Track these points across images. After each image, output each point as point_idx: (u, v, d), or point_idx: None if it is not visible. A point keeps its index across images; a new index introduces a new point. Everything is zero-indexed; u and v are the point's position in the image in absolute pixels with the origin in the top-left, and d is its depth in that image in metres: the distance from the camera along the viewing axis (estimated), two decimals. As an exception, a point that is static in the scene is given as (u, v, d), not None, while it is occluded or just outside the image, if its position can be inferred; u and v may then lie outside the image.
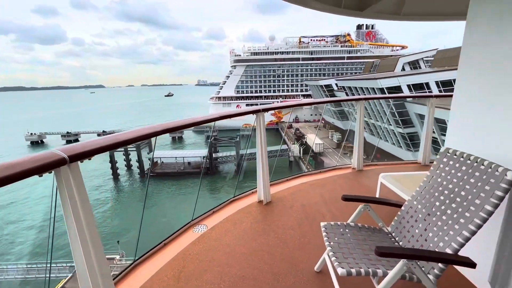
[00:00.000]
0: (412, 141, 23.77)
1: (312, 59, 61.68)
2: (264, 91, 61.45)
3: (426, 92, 24.43)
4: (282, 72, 61.38)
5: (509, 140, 1.35)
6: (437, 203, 1.48)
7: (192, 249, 2.21)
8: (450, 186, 1.45)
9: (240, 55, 61.51)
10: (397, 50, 66.38)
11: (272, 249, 2.18)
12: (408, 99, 22.42)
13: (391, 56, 54.68)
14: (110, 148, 1.36)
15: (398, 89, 25.68)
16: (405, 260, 1.20)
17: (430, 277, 1.29)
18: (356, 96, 3.81)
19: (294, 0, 2.64)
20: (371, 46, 64.61)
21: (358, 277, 1.84)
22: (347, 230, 1.70)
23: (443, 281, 1.52)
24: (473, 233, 1.23)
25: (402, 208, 1.72)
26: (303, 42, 64.33)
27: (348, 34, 64.91)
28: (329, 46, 62.50)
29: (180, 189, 27.03)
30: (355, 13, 3.17)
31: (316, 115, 54.00)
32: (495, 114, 1.47)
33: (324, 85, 43.76)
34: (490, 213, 1.20)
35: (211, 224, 2.59)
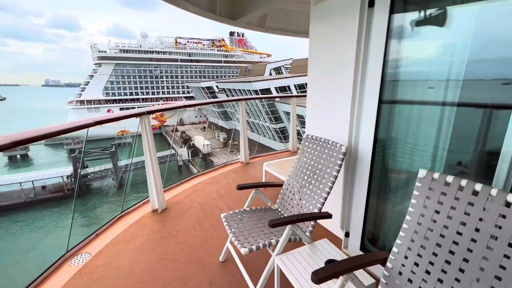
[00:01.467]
0: (283, 134, 28.34)
1: (191, 60, 61.47)
2: (141, 93, 55.61)
3: (288, 93, 29.81)
4: (160, 73, 57.65)
5: (339, 126, 1.94)
6: (305, 177, 1.93)
7: (73, 286, 1.81)
8: (312, 162, 1.92)
9: (105, 52, 52.70)
10: (264, 57, 76.85)
11: (176, 255, 2.12)
12: (277, 99, 26.48)
13: (260, 62, 62.77)
14: None
15: (268, 91, 29.89)
16: (290, 225, 1.51)
17: (307, 234, 1.68)
18: (238, 97, 4.20)
19: None
20: (244, 52, 71.63)
21: (258, 251, 2.12)
22: (244, 215, 1.91)
23: (313, 235, 1.99)
24: (328, 193, 1.70)
25: (283, 186, 2.11)
26: (180, 43, 62.97)
27: (223, 40, 69.06)
28: (206, 49, 64.19)
29: (34, 223, 20.26)
30: (228, 21, 3.48)
31: (201, 116, 54.40)
32: (330, 108, 2.07)
33: (206, 87, 44.72)
34: (335, 177, 1.69)
35: (96, 249, 2.19)
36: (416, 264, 1.08)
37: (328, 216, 1.61)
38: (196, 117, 54.16)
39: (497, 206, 0.87)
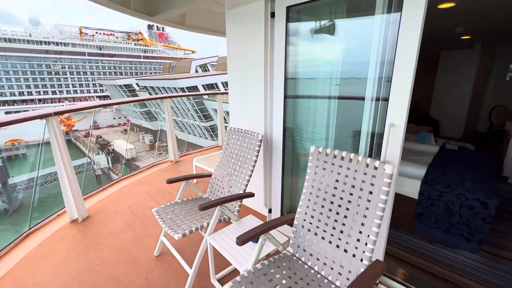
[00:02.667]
0: (214, 132, 28.30)
1: (103, 55, 53.92)
2: (36, 92, 45.58)
3: (215, 90, 29.85)
4: (63, 68, 48.50)
5: (256, 118, 2.25)
6: (231, 165, 2.16)
7: None
8: (236, 151, 2.17)
9: (-24, 40, 40.89)
10: (188, 54, 74.13)
11: (105, 259, 2.04)
12: (205, 96, 26.14)
13: (185, 59, 60.31)
14: None
15: (195, 88, 29.21)
16: (219, 206, 1.71)
17: (235, 213, 1.92)
18: (162, 95, 4.12)
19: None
20: (166, 47, 67.30)
21: (192, 237, 2.25)
22: (176, 207, 2.01)
23: (242, 215, 2.25)
24: (250, 175, 1.97)
25: (212, 176, 2.29)
26: (86, 34, 54.34)
27: (140, 33, 63.12)
28: (121, 43, 57.40)
29: None
30: (145, 17, 3.39)
31: (120, 118, 48.64)
32: (248, 103, 2.35)
33: (124, 85, 40.22)
34: (255, 161, 1.98)
35: (0, 273, 1.90)
36: (312, 217, 1.45)
37: (251, 195, 1.88)
38: (114, 118, 48.10)
39: (362, 167, 1.28)
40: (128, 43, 58.70)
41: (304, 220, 1.48)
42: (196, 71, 43.29)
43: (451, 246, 2.12)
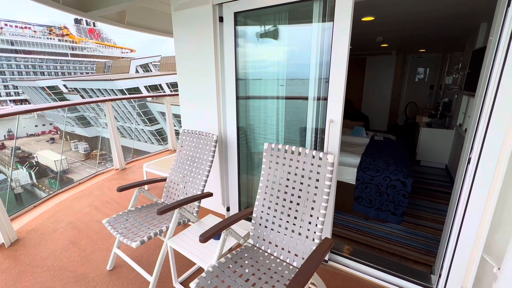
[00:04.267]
0: (161, 136, 26.74)
1: (16, 51, 45.63)
2: None
3: (161, 92, 28.24)
4: (-42, 66, 39.39)
5: (210, 119, 2.29)
6: (187, 167, 2.16)
7: None
8: (191, 153, 2.17)
9: None
10: (126, 52, 68.21)
11: (47, 283, 1.82)
12: (148, 98, 24.51)
13: (123, 58, 55.33)
14: None
15: (137, 90, 27.12)
16: (177, 209, 1.71)
17: (194, 214, 1.93)
18: (102, 98, 3.78)
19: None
20: (99, 45, 60.61)
21: (148, 244, 2.17)
22: (129, 215, 1.92)
23: (200, 216, 2.27)
24: (207, 176, 2.01)
25: (167, 180, 2.25)
26: (-9, 25, 45.22)
27: (66, 27, 55.45)
28: (40, 38, 49.43)
29: None
30: (78, 13, 3.07)
31: (44, 125, 41.90)
32: (201, 104, 2.38)
33: (47, 87, 34.80)
34: (211, 161, 2.03)
35: None
36: (269, 208, 1.57)
37: (209, 194, 1.92)
38: (36, 126, 41.18)
39: (309, 159, 1.45)
40: (51, 38, 50.96)
41: (262, 212, 1.60)
42: (137, 71, 40.18)
43: (382, 221, 2.52)
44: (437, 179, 3.64)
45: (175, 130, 5.31)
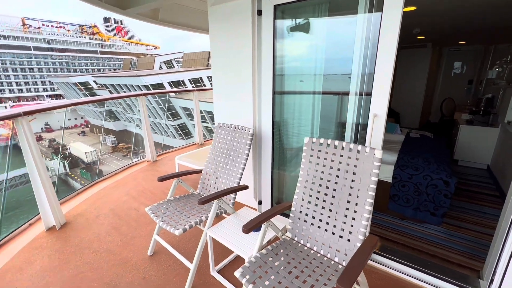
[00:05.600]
0: (183, 131, 27.49)
1: (52, 49, 48.77)
2: (-29, 92, 39.76)
3: (183, 87, 28.94)
4: (3, 64, 42.86)
5: (245, 113, 2.31)
6: (222, 160, 2.20)
7: None
8: (226, 146, 2.21)
9: None
10: (151, 49, 70.48)
11: (95, 264, 1.95)
12: (171, 94, 25.20)
13: (148, 54, 57.23)
14: None
15: (161, 85, 27.96)
16: (216, 200, 1.75)
17: (230, 206, 1.97)
18: (137, 92, 3.95)
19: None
20: (126, 42, 63.14)
21: (186, 234, 2.25)
22: (169, 204, 2.00)
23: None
24: (243, 169, 2.04)
25: (202, 172, 2.31)
26: (30, 25, 48.63)
27: (96, 26, 58.32)
28: (73, 36, 52.42)
29: None
30: (117, 10, 3.22)
31: (76, 118, 44.65)
32: (236, 99, 2.40)
33: (79, 83, 36.96)
34: (247, 155, 2.05)
35: (-28, 291, 1.72)
36: (309, 202, 1.57)
37: (245, 187, 1.95)
38: (69, 119, 44.01)
39: (353, 154, 1.42)
40: (82, 37, 53.88)
41: (301, 206, 1.60)
42: (161, 67, 41.42)
43: (419, 221, 2.42)
44: (478, 180, 3.41)
45: (203, 124, 5.43)
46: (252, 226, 1.38)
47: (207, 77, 32.02)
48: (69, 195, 3.00)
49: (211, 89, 2.63)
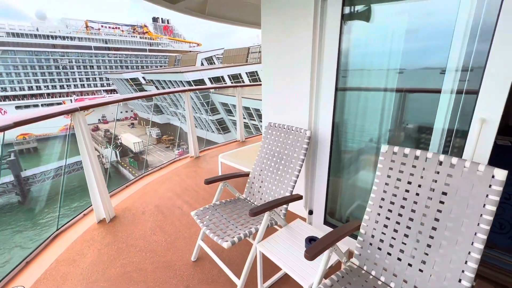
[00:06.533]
0: (221, 126, 28.13)
1: (108, 48, 53.80)
2: (45, 87, 45.95)
3: (223, 83, 29.57)
4: (70, 62, 48.64)
5: (299, 112, 2.05)
6: (272, 164, 1.99)
7: None
8: (277, 149, 1.99)
9: (-16, 35, 41.23)
10: (194, 46, 73.54)
11: (140, 265, 1.91)
12: (211, 90, 25.87)
13: (190, 51, 59.83)
14: None
15: (202, 81, 28.91)
16: (268, 211, 1.55)
17: (282, 217, 1.75)
18: (182, 88, 3.95)
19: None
20: (171, 40, 66.84)
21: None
22: (216, 210, 1.86)
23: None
24: (297, 176, 1.80)
25: (250, 176, 2.13)
26: (92, 27, 54.24)
27: (146, 26, 62.74)
28: (126, 36, 57.14)
29: None
30: (166, 5, 3.19)
31: (127, 111, 48.81)
32: (289, 96, 2.15)
33: (130, 79, 40.20)
34: (303, 160, 1.80)
35: (32, 279, 1.79)
36: (386, 226, 1.27)
37: (299, 197, 1.71)
38: (121, 112, 48.34)
39: (458, 171, 1.09)
40: (134, 36, 58.44)
41: (374, 229, 1.31)
42: (202, 64, 42.91)
43: (514, 253, 1.92)
44: None
45: (244, 122, 5.30)
46: (316, 252, 1.14)
47: (246, 73, 32.26)
48: (118, 188, 3.10)
49: (253, 85, 2.41)
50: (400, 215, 1.23)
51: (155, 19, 70.41)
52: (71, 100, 47.48)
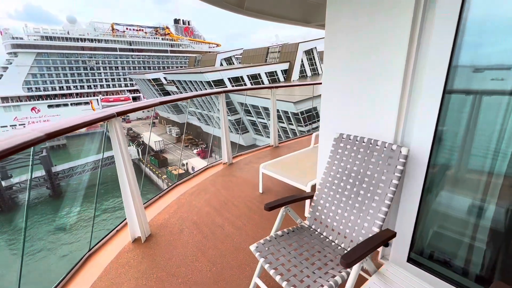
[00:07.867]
0: (238, 125, 27.93)
1: (132, 50, 55.61)
2: (74, 87, 48.35)
3: (242, 84, 29.43)
4: (96, 63, 50.82)
5: (381, 122, 1.63)
6: (348, 186, 1.59)
7: None
8: (355, 168, 1.59)
9: (21, 38, 43.99)
10: (213, 47, 74.30)
11: (184, 303, 1.59)
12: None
13: (210, 52, 60.43)
14: None
15: (221, 82, 28.92)
16: (361, 261, 1.15)
17: (371, 261, 1.35)
18: (218, 89, 3.64)
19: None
20: (191, 41, 67.94)
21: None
22: (279, 244, 1.48)
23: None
24: (389, 206, 1.39)
25: (315, 198, 1.74)
26: (117, 30, 56.34)
27: (168, 27, 64.23)
28: (149, 38, 58.79)
29: None
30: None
31: (148, 111, 50.02)
32: (364, 101, 1.73)
33: (152, 79, 41.20)
34: (396, 186, 1.39)
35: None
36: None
37: (393, 235, 1.30)
38: (143, 112, 49.74)
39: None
40: (156, 37, 59.98)
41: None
42: (221, 64, 43.07)
43: None
44: None
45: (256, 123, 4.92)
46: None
47: (265, 73, 31.89)
48: (152, 199, 2.83)
49: (292, 85, 2.00)
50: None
51: (176, 21, 71.90)
52: (97, 100, 49.55)
